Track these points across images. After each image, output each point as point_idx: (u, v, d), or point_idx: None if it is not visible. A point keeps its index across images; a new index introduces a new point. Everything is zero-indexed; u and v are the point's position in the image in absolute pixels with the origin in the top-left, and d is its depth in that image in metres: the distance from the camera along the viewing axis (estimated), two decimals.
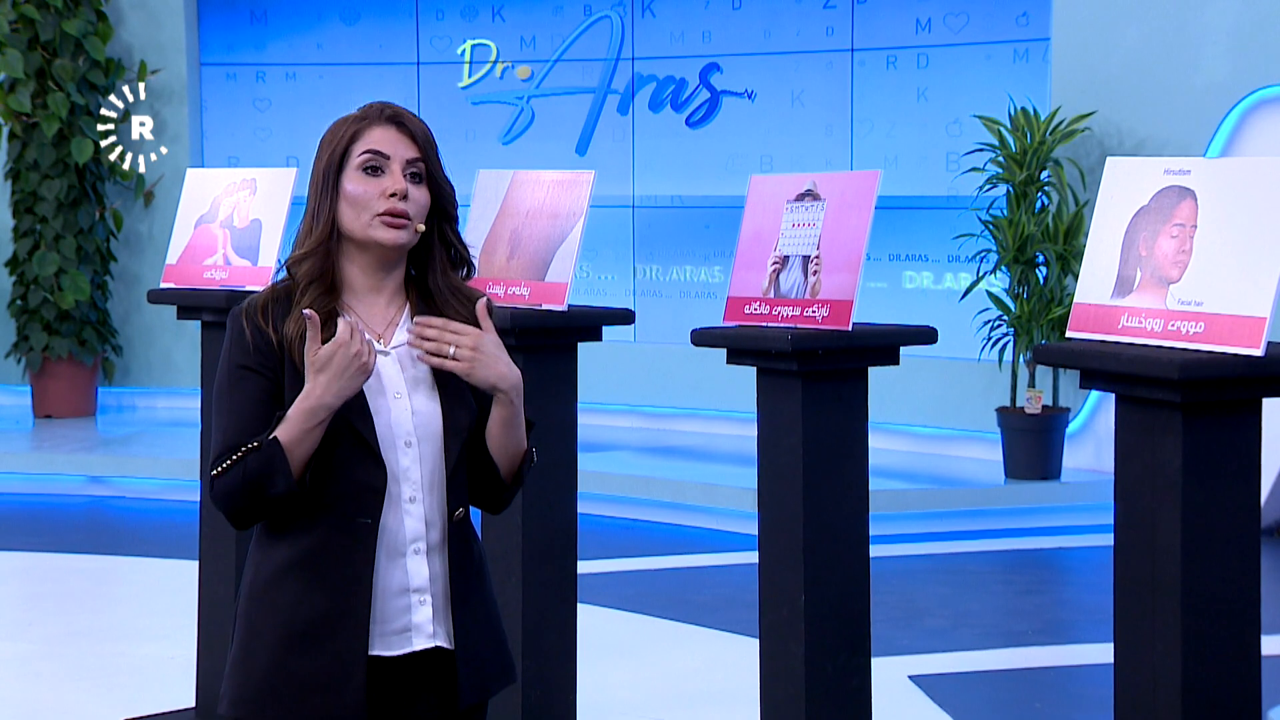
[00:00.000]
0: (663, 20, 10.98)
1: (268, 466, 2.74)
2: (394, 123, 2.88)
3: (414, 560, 2.83)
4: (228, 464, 2.77)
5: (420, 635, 2.84)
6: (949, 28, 10.08)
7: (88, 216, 11.38)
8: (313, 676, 2.78)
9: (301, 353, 2.78)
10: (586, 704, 5.12)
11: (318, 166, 2.88)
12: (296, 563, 2.80)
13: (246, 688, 2.81)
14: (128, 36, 11.67)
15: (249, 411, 2.79)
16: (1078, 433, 9.22)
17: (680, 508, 8.99)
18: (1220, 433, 3.17)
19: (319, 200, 2.87)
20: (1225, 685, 3.18)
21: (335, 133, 2.89)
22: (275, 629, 2.80)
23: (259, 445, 2.75)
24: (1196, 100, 8.71)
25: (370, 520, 2.80)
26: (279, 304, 2.84)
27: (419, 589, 2.84)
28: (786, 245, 4.05)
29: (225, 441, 2.79)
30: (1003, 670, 6.33)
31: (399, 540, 2.82)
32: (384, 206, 2.83)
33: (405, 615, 2.83)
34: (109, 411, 11.70)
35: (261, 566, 2.84)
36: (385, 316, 2.89)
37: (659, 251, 11.07)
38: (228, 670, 2.86)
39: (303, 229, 2.89)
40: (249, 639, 2.83)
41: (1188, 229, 3.20)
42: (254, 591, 2.84)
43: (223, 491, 2.78)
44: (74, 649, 6.50)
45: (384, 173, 2.85)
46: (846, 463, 4.06)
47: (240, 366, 2.81)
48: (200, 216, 5.29)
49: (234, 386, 2.81)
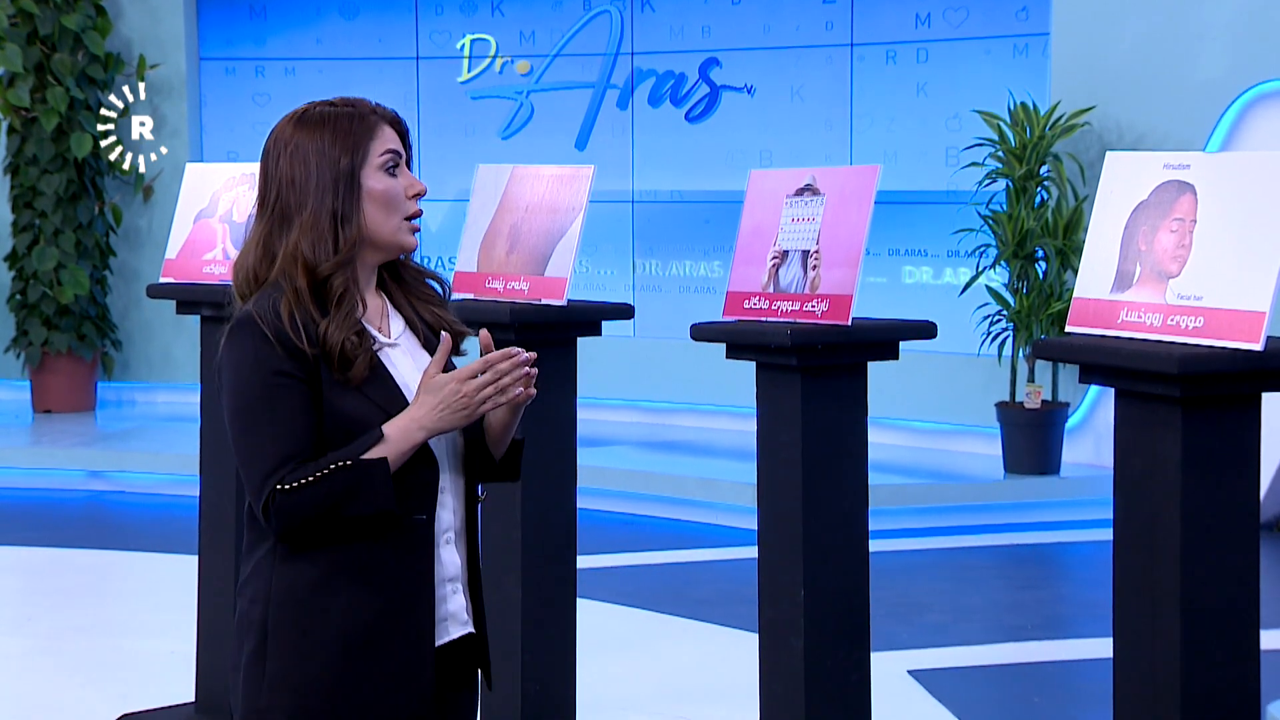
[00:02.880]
0: (662, 15, 10.98)
1: (362, 486, 2.67)
2: (394, 122, 2.85)
3: (446, 550, 2.83)
4: (307, 479, 2.67)
5: (455, 623, 2.85)
6: (948, 22, 10.07)
7: (87, 211, 11.38)
8: (381, 677, 2.74)
9: (341, 359, 2.70)
10: (585, 699, 5.12)
11: (320, 165, 2.75)
12: (346, 567, 2.72)
13: (305, 697, 2.72)
14: (127, 31, 11.66)
15: (297, 421, 2.69)
16: (1077, 427, 9.22)
17: (680, 503, 8.99)
18: (1219, 427, 3.17)
19: (341, 201, 2.75)
20: (1224, 679, 3.19)
21: (339, 128, 2.78)
22: (333, 636, 2.72)
23: (352, 463, 2.67)
24: (1196, 95, 8.71)
25: (426, 516, 2.78)
26: (302, 310, 2.72)
27: (453, 578, 2.84)
28: (786, 240, 4.05)
29: (282, 452, 2.68)
30: (1002, 665, 6.33)
31: (435, 531, 2.82)
32: (411, 209, 2.81)
33: (443, 605, 2.82)
34: (108, 406, 11.70)
35: (300, 575, 2.73)
36: (378, 308, 2.86)
37: (658, 246, 11.06)
38: (273, 683, 2.73)
39: (312, 232, 2.74)
40: (299, 648, 2.72)
41: (1187, 224, 3.20)
42: (295, 600, 2.73)
43: (293, 507, 2.67)
44: (73, 644, 6.50)
45: (398, 172, 2.81)
46: (846, 458, 4.07)
47: (278, 373, 2.69)
48: (199, 211, 5.28)
49: (272, 395, 2.69)
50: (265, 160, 2.82)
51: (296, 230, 2.76)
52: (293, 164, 2.77)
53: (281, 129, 2.81)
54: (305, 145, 2.77)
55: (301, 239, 2.75)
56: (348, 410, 2.72)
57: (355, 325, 2.74)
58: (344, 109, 2.81)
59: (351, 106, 2.82)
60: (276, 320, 2.71)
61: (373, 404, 2.74)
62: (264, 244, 2.79)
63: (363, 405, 2.74)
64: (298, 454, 2.69)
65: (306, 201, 2.76)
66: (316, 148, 2.77)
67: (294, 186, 2.77)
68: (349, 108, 2.81)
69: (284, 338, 2.70)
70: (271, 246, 2.78)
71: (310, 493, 2.67)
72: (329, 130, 2.78)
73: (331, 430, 2.72)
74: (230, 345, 2.74)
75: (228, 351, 2.74)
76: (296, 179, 2.77)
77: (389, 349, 2.82)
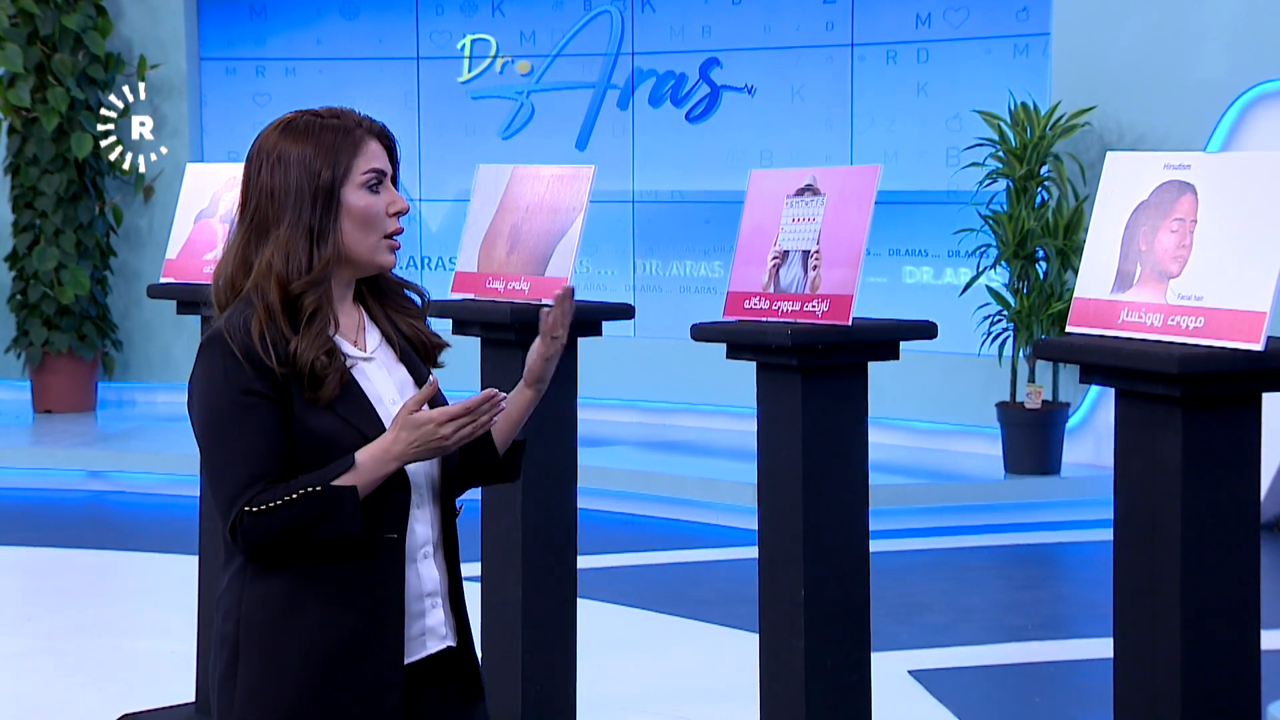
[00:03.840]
0: (662, 15, 10.98)
1: (330, 512, 2.65)
2: (381, 137, 2.79)
3: (424, 564, 2.81)
4: (276, 503, 2.65)
5: (434, 637, 2.82)
6: (949, 23, 10.07)
7: (87, 211, 11.38)
8: (348, 695, 2.73)
9: (311, 379, 2.68)
10: (586, 699, 5.12)
11: (300, 178, 2.71)
12: (315, 584, 2.71)
13: (273, 716, 2.72)
14: (127, 31, 11.67)
15: (265, 441, 2.67)
16: (1077, 427, 9.22)
17: (680, 503, 8.99)
18: (1220, 427, 3.17)
19: (318, 218, 2.71)
20: (1225, 680, 3.19)
21: (322, 142, 2.72)
22: (301, 653, 2.71)
23: (322, 489, 2.65)
24: (1196, 95, 8.71)
25: (397, 535, 2.75)
26: (273, 327, 2.68)
27: (432, 592, 2.81)
28: (786, 240, 4.05)
29: (250, 473, 2.66)
30: (1002, 665, 6.33)
31: (411, 546, 2.78)
32: (392, 227, 2.77)
33: (420, 620, 2.80)
34: (108, 406, 11.70)
35: (269, 590, 2.72)
36: (353, 322, 2.82)
37: (659, 246, 11.06)
38: (241, 701, 2.73)
39: (288, 246, 2.70)
40: (267, 666, 2.71)
41: (1187, 224, 3.20)
42: (264, 618, 2.72)
43: (262, 529, 2.65)
44: (73, 644, 6.50)
45: (380, 189, 2.77)
46: (846, 458, 4.07)
47: (247, 391, 2.66)
48: (200, 211, 5.28)
49: (241, 414, 2.66)
50: (248, 167, 2.77)
51: (272, 244, 2.71)
52: (273, 175, 2.73)
53: (266, 137, 2.77)
54: (287, 155, 2.73)
55: (276, 253, 2.71)
56: (319, 429, 2.69)
57: (326, 344, 2.70)
58: (330, 121, 2.75)
59: (338, 118, 2.76)
60: (246, 338, 2.67)
61: (344, 422, 2.71)
62: (241, 254, 2.75)
63: (334, 424, 2.70)
64: (265, 474, 2.66)
65: (284, 215, 2.72)
66: (298, 159, 2.72)
67: (273, 198, 2.72)
68: (335, 119, 2.76)
69: (253, 356, 2.67)
70: (248, 257, 2.74)
71: (279, 516, 2.65)
72: (312, 142, 2.73)
73: (303, 449, 2.69)
74: (200, 362, 2.72)
75: (198, 368, 2.72)
76: (276, 191, 2.72)
77: (363, 363, 2.79)
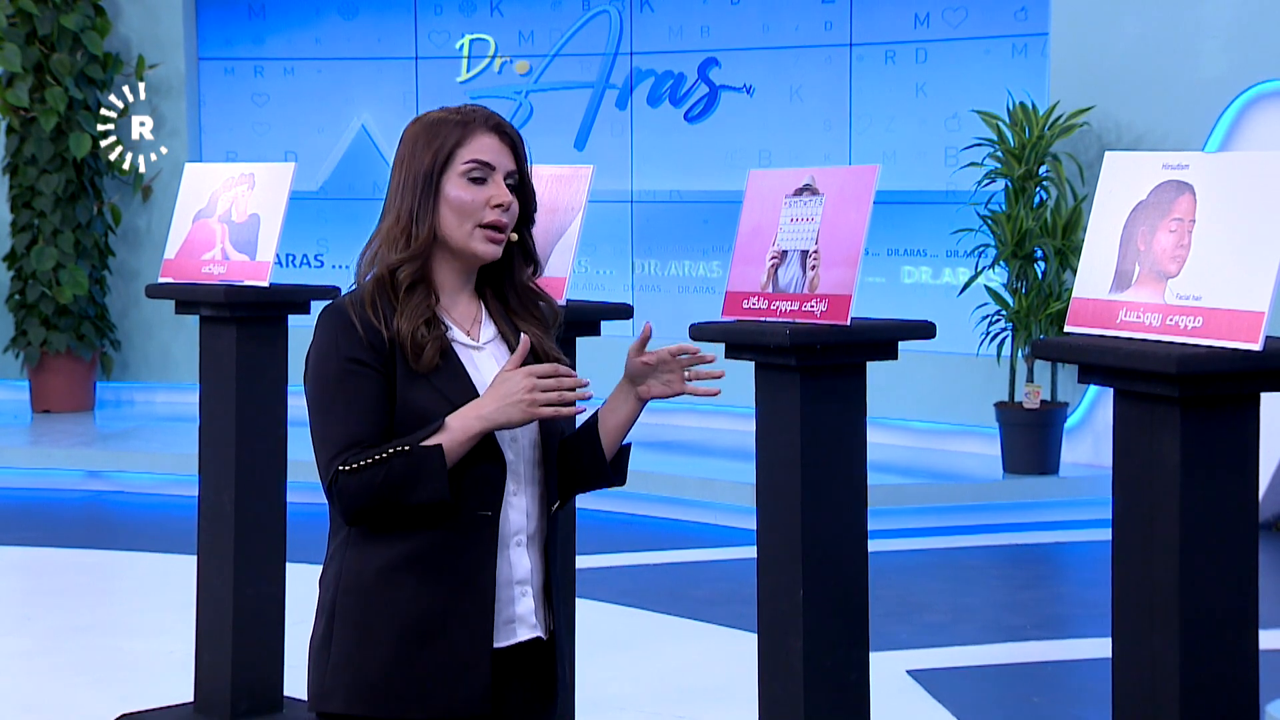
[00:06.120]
0: (661, 15, 10.98)
1: (418, 472, 2.75)
2: (497, 132, 2.91)
3: (516, 552, 2.88)
4: (367, 461, 2.76)
5: (524, 626, 2.90)
6: (947, 23, 10.07)
7: (86, 211, 11.38)
8: (437, 670, 2.81)
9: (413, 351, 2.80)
10: (584, 699, 5.13)
11: (412, 166, 2.88)
12: (410, 558, 2.81)
13: (363, 683, 2.81)
14: (125, 31, 11.67)
15: (368, 405, 2.79)
16: (1076, 427, 9.22)
17: (678, 502, 8.99)
18: (1218, 427, 3.16)
19: (418, 202, 2.87)
20: (1223, 680, 3.18)
21: (434, 133, 2.89)
22: (393, 625, 2.80)
23: (409, 449, 2.75)
24: (1195, 95, 8.71)
25: (491, 513, 2.84)
26: (384, 299, 2.84)
27: (522, 580, 2.89)
28: (785, 240, 4.04)
29: (350, 435, 2.78)
30: (1001, 665, 6.33)
31: (505, 532, 2.87)
32: (490, 218, 2.88)
33: (510, 607, 2.87)
34: (107, 406, 11.70)
35: (366, 563, 2.82)
36: (470, 314, 2.94)
37: (657, 246, 11.06)
38: (331, 666, 2.83)
39: (393, 227, 2.88)
40: (360, 635, 2.81)
41: (1186, 223, 3.20)
42: (361, 588, 2.82)
43: (354, 489, 2.76)
44: (72, 644, 6.50)
45: (487, 182, 2.89)
46: (845, 457, 4.06)
47: (352, 360, 2.80)
48: (198, 211, 5.28)
49: (346, 380, 2.80)
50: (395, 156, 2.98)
51: (387, 223, 2.91)
52: (396, 161, 2.93)
53: (406, 129, 2.96)
54: (410, 145, 2.91)
55: (388, 231, 2.89)
56: (416, 400, 2.81)
57: (425, 314, 2.84)
58: (452, 115, 2.92)
59: (459, 114, 2.92)
60: (361, 308, 2.83)
61: (442, 396, 2.83)
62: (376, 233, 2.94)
63: (431, 396, 2.82)
64: (365, 439, 2.78)
65: (397, 197, 2.91)
66: (414, 149, 2.90)
67: (393, 181, 2.92)
68: (457, 114, 2.92)
69: (367, 323, 2.81)
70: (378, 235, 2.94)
71: (369, 475, 2.75)
72: (425, 133, 2.91)
73: (401, 420, 2.81)
74: (318, 331, 2.87)
75: (315, 337, 2.87)
76: (395, 175, 2.92)
77: (472, 351, 2.91)
